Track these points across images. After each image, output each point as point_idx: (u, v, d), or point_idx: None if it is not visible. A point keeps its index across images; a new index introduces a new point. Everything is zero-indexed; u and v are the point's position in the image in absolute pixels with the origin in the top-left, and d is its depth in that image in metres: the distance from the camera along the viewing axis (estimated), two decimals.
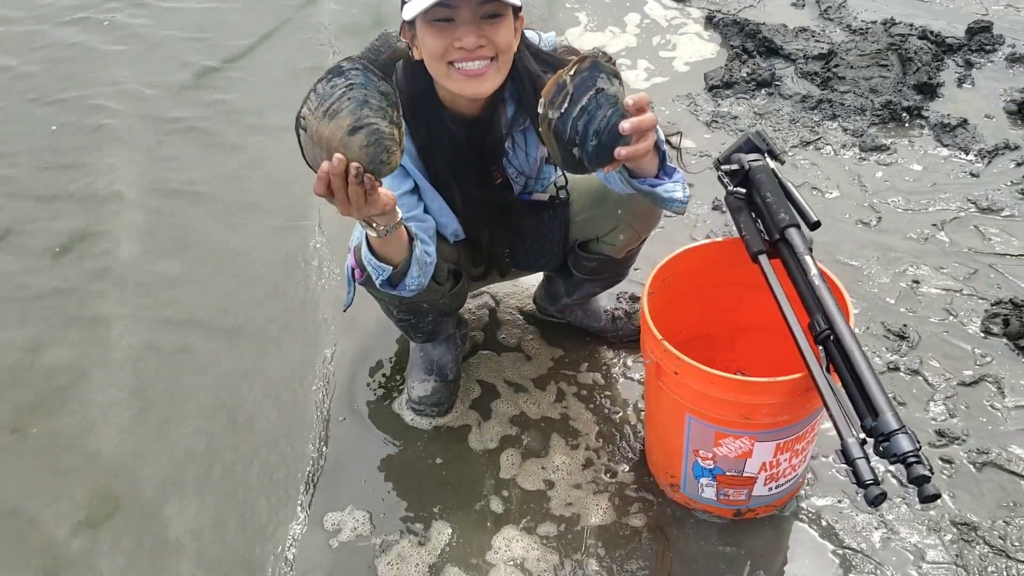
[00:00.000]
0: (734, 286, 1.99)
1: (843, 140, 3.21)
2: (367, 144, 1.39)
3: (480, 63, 1.69)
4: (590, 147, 1.50)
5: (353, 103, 1.37)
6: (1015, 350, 2.33)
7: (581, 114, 1.47)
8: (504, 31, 1.69)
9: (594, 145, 1.50)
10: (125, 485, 2.13)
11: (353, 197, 1.43)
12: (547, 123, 1.50)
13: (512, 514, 2.02)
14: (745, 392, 1.63)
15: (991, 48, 3.67)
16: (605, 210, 2.05)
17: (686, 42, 3.91)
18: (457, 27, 1.65)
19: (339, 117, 1.37)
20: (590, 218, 2.08)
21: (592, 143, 1.49)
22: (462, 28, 1.65)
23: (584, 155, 1.51)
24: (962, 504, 1.97)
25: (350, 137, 1.38)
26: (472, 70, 1.70)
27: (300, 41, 4.13)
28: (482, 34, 1.66)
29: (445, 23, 1.65)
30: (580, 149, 1.50)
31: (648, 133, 1.52)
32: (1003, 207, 2.84)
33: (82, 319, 2.62)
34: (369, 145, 1.39)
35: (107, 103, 3.69)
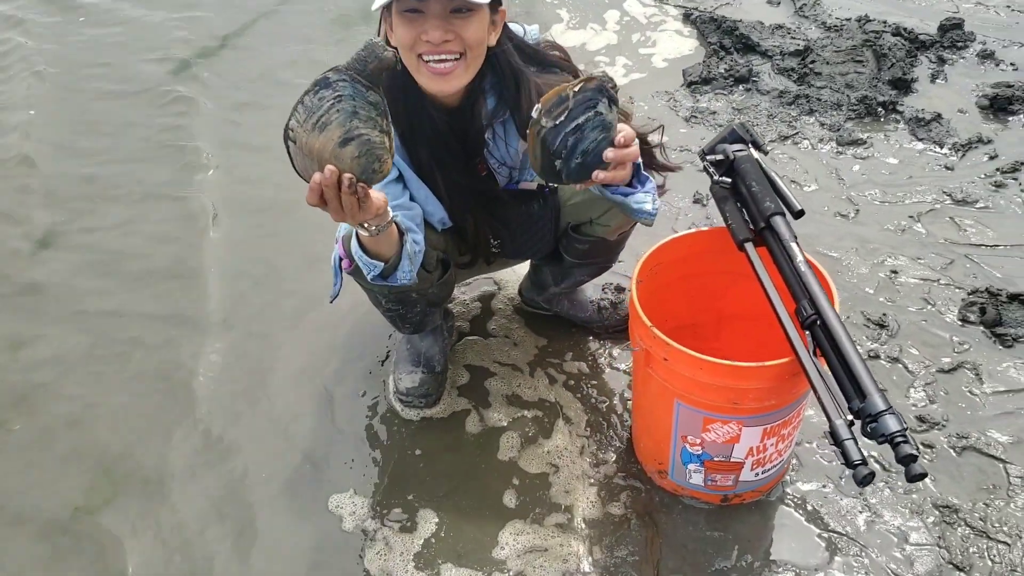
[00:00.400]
0: (720, 274, 2.02)
1: (820, 134, 3.25)
2: (359, 155, 1.39)
3: (447, 61, 1.70)
4: (573, 164, 1.55)
5: (342, 115, 1.38)
6: (992, 337, 2.38)
7: (575, 131, 1.52)
8: (474, 27, 1.69)
9: (578, 163, 1.55)
10: (113, 480, 2.12)
11: (347, 206, 1.44)
12: (537, 129, 1.53)
13: (501, 503, 2.03)
14: (734, 377, 1.65)
15: (963, 45, 3.74)
16: (600, 192, 2.06)
17: (664, 39, 3.94)
18: (426, 19, 1.66)
19: (329, 129, 1.38)
20: (584, 201, 2.09)
21: (576, 161, 1.55)
22: (430, 21, 1.65)
23: (565, 169, 1.56)
24: (943, 487, 2.01)
25: (341, 149, 1.38)
26: (438, 68, 1.71)
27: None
28: (450, 28, 1.66)
29: (415, 14, 1.66)
30: (563, 163, 1.55)
31: (628, 164, 1.59)
32: (977, 199, 2.90)
33: (66, 312, 2.61)
34: (361, 156, 1.39)
35: None
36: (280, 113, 1.45)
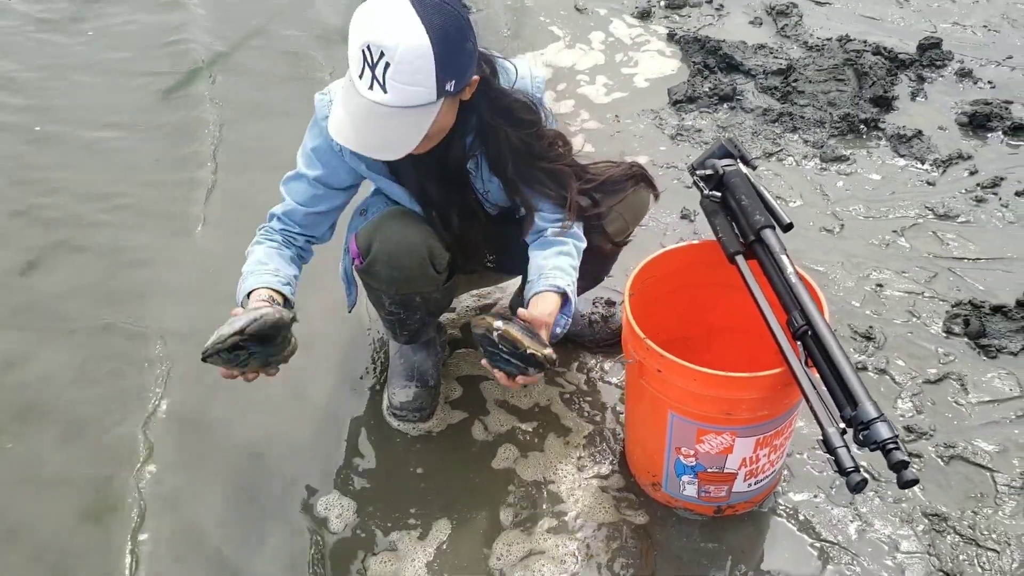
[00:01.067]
0: (711, 287, 2.05)
1: (804, 151, 3.31)
2: (271, 371, 1.79)
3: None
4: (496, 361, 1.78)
5: (258, 362, 1.73)
6: (976, 349, 2.42)
7: (493, 356, 1.77)
8: (435, 122, 1.68)
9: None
10: (109, 496, 2.11)
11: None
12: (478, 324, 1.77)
13: (494, 516, 2.04)
14: (728, 388, 1.68)
15: (941, 63, 3.81)
16: (599, 200, 2.08)
17: (649, 59, 3.99)
18: None
19: (248, 367, 1.74)
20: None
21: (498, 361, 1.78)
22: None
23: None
24: (932, 496, 2.04)
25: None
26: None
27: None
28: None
29: None
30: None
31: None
32: (959, 213, 2.95)
33: (56, 331, 2.60)
34: (271, 368, 1.78)
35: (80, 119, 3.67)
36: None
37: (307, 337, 2.50)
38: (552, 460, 2.17)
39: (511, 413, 2.31)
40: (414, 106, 1.61)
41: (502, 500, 2.08)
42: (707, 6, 4.43)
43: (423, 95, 1.60)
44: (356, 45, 1.57)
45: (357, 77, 1.60)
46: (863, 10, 4.35)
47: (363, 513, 2.06)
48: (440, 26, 1.57)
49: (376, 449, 2.22)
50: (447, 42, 1.58)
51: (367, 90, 1.59)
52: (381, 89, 1.58)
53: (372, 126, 1.64)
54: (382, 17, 1.56)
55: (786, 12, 4.28)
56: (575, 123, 3.52)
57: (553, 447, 2.21)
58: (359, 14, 1.59)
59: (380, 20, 1.56)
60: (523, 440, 2.23)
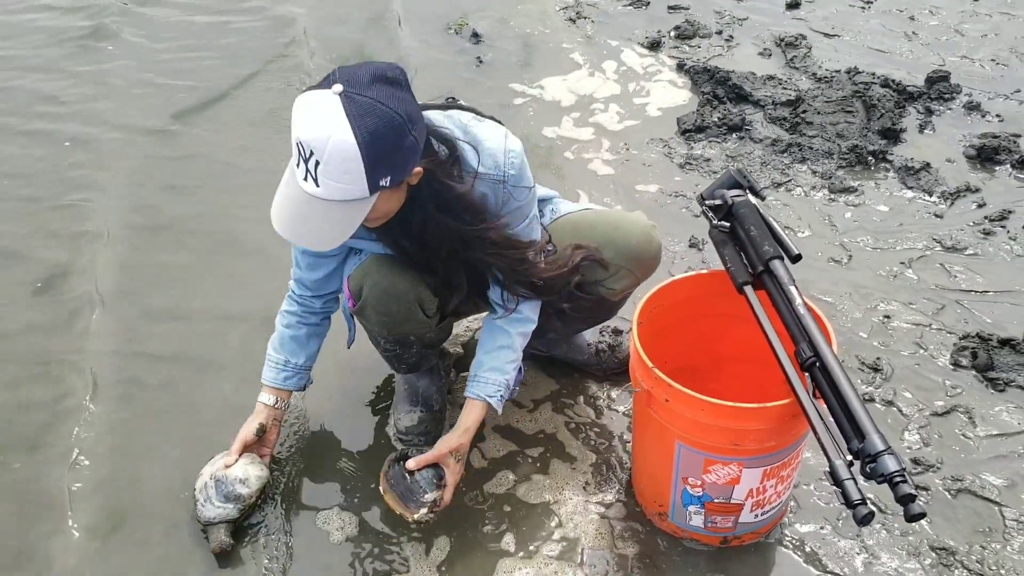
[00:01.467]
0: (719, 317, 2.05)
1: (812, 182, 3.32)
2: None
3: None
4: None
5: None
6: (983, 382, 2.42)
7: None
8: (373, 212, 1.70)
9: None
10: (108, 522, 2.12)
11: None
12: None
13: (499, 545, 2.04)
14: (735, 418, 1.68)
15: (949, 97, 3.83)
16: (607, 255, 2.11)
17: (659, 88, 4.02)
18: None
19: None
20: (591, 265, 2.12)
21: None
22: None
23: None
24: (939, 529, 2.03)
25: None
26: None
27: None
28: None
29: None
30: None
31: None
32: (967, 246, 2.96)
33: (63, 353, 2.62)
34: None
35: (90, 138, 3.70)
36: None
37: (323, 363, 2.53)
38: (557, 487, 2.17)
39: (516, 439, 2.31)
40: (347, 200, 1.62)
41: (505, 525, 2.08)
42: (717, 37, 4.47)
43: (355, 191, 1.60)
44: (293, 137, 1.59)
45: (295, 166, 1.62)
46: (872, 43, 4.38)
47: (365, 535, 2.07)
48: (372, 128, 1.56)
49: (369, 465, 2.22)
50: (378, 143, 1.57)
51: (302, 181, 1.61)
52: (314, 183, 1.59)
53: (305, 216, 1.66)
54: (314, 116, 1.57)
55: (795, 44, 4.31)
56: (588, 152, 3.55)
57: (559, 474, 2.21)
58: (297, 106, 1.61)
59: (311, 118, 1.57)
60: (528, 466, 2.23)
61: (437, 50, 4.42)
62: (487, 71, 4.20)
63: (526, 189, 1.94)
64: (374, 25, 4.68)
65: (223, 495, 2.03)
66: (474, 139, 1.86)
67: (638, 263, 2.14)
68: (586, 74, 4.13)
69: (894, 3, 4.83)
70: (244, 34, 4.57)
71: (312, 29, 4.57)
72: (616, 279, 2.15)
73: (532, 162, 3.16)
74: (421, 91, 4.00)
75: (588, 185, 3.34)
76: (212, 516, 2.02)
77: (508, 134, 1.91)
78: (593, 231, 2.14)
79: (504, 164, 1.87)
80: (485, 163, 1.85)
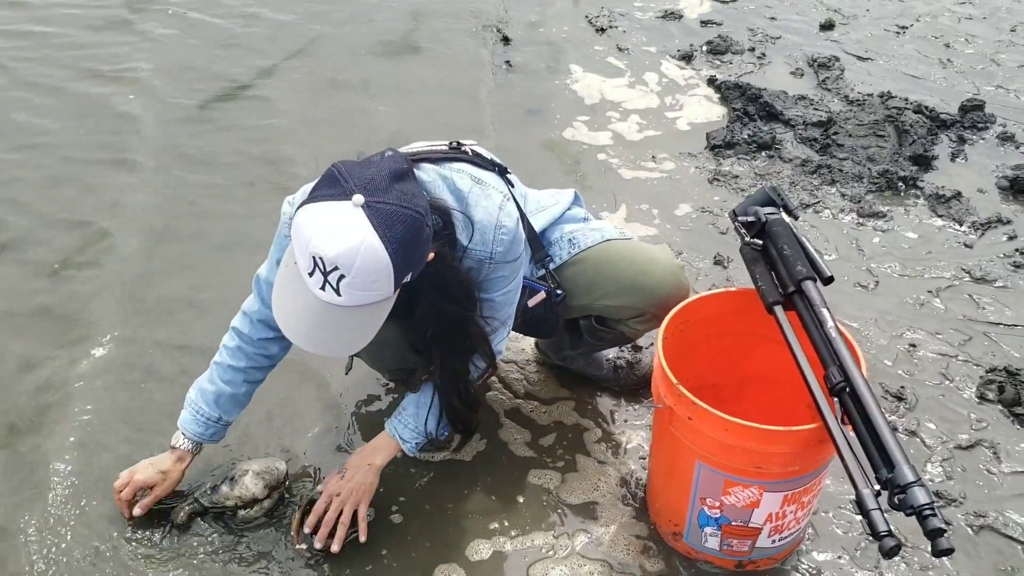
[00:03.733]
0: (745, 336, 2.02)
1: (841, 205, 3.28)
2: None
3: None
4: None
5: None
6: (1010, 417, 2.37)
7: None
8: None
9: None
10: (114, 510, 2.09)
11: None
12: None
13: (510, 559, 2.00)
14: (760, 440, 1.64)
15: (983, 126, 3.79)
16: (634, 299, 2.09)
17: (690, 102, 3.99)
18: None
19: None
20: (617, 306, 2.12)
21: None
22: None
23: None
24: (960, 566, 1.98)
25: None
26: None
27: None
28: None
29: None
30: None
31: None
32: (996, 278, 2.91)
33: (76, 339, 2.60)
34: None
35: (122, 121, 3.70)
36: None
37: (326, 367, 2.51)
38: (571, 502, 2.13)
39: (532, 450, 2.27)
40: (370, 304, 1.53)
41: (518, 541, 2.04)
42: (749, 54, 4.44)
43: (380, 296, 1.52)
44: (306, 250, 1.46)
45: (307, 275, 1.49)
46: (906, 68, 4.35)
47: (374, 548, 2.03)
48: (400, 236, 1.47)
49: (391, 480, 2.19)
50: (407, 248, 1.49)
51: (318, 290, 1.49)
52: (334, 293, 1.48)
53: (325, 324, 1.55)
54: (339, 232, 1.44)
55: (828, 65, 4.28)
56: (613, 162, 3.52)
57: (573, 489, 2.17)
58: (310, 219, 1.47)
59: (335, 235, 1.44)
60: (542, 481, 2.19)
61: (465, 52, 4.41)
62: (515, 75, 4.19)
63: (511, 263, 1.86)
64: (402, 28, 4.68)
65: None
66: (467, 211, 1.77)
67: (663, 307, 2.05)
68: (615, 83, 4.11)
69: (929, 29, 4.81)
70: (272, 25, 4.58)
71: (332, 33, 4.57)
72: (641, 320, 2.14)
73: (557, 169, 3.16)
74: (449, 93, 4.00)
75: (613, 196, 3.30)
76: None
77: (504, 204, 1.81)
78: (618, 274, 2.09)
79: (493, 241, 1.79)
80: (475, 240, 1.78)
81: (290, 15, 4.75)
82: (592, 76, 4.17)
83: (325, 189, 1.50)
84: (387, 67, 4.27)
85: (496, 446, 2.29)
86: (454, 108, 3.89)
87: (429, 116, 3.81)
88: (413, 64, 4.32)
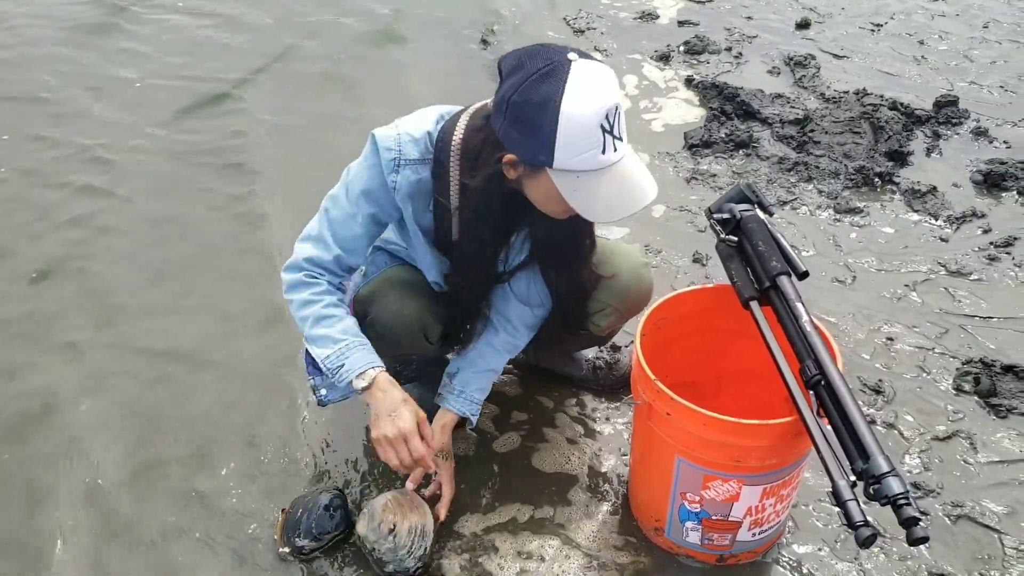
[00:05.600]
0: (722, 332, 2.03)
1: (818, 201, 3.31)
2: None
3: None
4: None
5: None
6: (986, 408, 2.40)
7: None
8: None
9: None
10: (97, 516, 2.09)
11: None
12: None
13: (492, 558, 2.01)
14: (738, 434, 1.65)
15: (957, 121, 3.83)
16: (596, 293, 2.10)
17: (667, 102, 4.02)
18: None
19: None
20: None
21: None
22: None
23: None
24: (938, 555, 2.00)
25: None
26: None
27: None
28: None
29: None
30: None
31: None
32: (971, 271, 2.94)
33: (57, 346, 2.59)
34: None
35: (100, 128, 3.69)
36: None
37: None
38: (553, 499, 2.15)
39: (512, 450, 2.28)
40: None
41: (499, 539, 2.05)
42: (726, 53, 4.47)
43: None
44: (593, 123, 1.53)
45: (600, 153, 1.55)
46: (881, 65, 4.39)
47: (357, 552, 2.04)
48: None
49: (375, 476, 2.20)
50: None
51: (614, 153, 1.57)
52: (622, 141, 1.58)
53: (639, 177, 1.64)
54: (603, 81, 1.56)
55: (804, 63, 4.31)
56: None
57: (554, 487, 2.18)
58: (585, 88, 1.53)
59: (603, 84, 1.55)
60: (522, 481, 2.20)
61: (444, 53, 4.42)
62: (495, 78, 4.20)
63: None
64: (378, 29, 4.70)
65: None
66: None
67: (623, 301, 2.11)
68: None
69: (904, 27, 4.85)
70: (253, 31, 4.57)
71: (319, 31, 4.58)
72: (602, 316, 2.15)
73: None
74: (428, 94, 4.01)
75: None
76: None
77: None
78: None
79: None
80: None
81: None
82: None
83: (540, 64, 1.56)
84: (365, 68, 4.27)
85: (475, 446, 2.30)
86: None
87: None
88: (392, 65, 4.33)
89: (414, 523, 1.94)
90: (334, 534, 2.00)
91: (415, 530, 1.93)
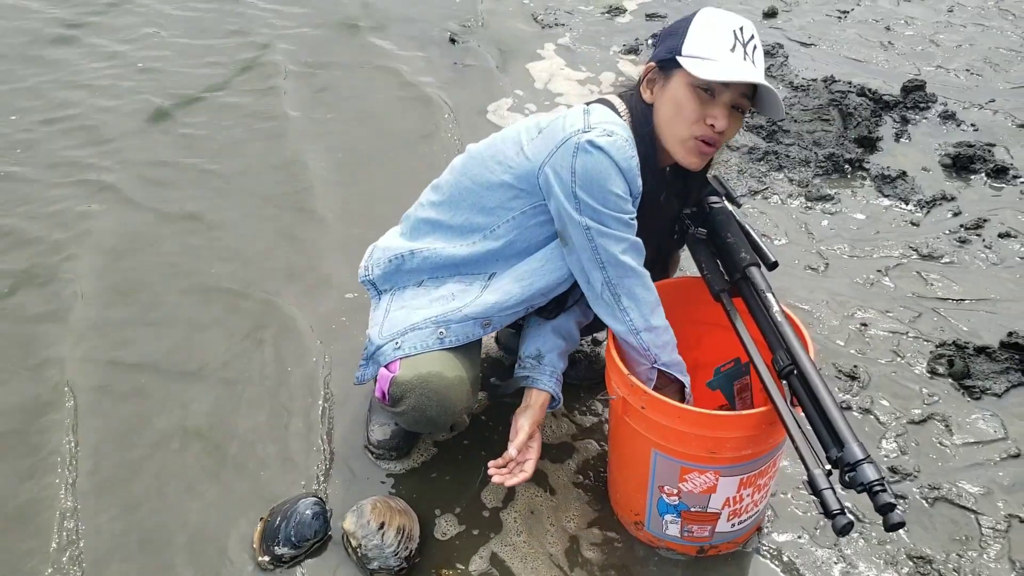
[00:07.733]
0: (694, 325, 2.03)
1: (789, 190, 3.32)
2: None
3: (713, 146, 1.74)
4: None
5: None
6: (960, 390, 2.42)
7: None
8: (739, 126, 1.78)
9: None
10: (80, 533, 2.06)
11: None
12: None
13: (472, 555, 2.00)
14: (712, 426, 1.66)
15: (925, 106, 3.85)
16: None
17: None
18: (715, 105, 1.69)
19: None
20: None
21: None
22: (719, 109, 1.69)
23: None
24: (917, 538, 2.02)
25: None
26: (706, 150, 1.74)
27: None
28: (729, 121, 1.71)
29: (707, 94, 1.69)
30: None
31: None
32: (943, 254, 2.97)
33: (31, 361, 2.56)
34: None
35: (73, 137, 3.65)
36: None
37: (284, 368, 2.49)
38: (533, 497, 2.14)
39: (491, 450, 2.27)
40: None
41: (477, 538, 2.04)
42: None
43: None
44: (725, 25, 1.69)
45: (728, 51, 1.67)
46: (848, 52, 4.41)
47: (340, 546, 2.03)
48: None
49: (356, 479, 2.18)
50: None
51: (742, 61, 1.67)
52: (754, 65, 1.68)
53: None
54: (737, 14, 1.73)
55: (772, 52, 4.33)
56: None
57: (535, 485, 2.17)
58: (720, 9, 1.74)
59: (738, 15, 1.73)
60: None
61: (414, 53, 4.41)
62: (466, 74, 4.19)
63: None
64: (347, 28, 4.67)
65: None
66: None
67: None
68: (565, 80, 4.11)
69: (870, 13, 4.88)
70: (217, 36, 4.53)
71: (287, 31, 4.55)
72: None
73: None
74: (400, 95, 3.99)
75: None
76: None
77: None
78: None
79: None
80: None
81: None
82: (542, 74, 4.18)
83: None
84: (337, 70, 4.25)
85: (453, 443, 2.29)
86: (408, 110, 3.88)
87: (382, 120, 3.79)
88: (363, 67, 4.30)
89: (402, 524, 1.97)
90: (313, 541, 1.99)
91: (403, 531, 1.95)
